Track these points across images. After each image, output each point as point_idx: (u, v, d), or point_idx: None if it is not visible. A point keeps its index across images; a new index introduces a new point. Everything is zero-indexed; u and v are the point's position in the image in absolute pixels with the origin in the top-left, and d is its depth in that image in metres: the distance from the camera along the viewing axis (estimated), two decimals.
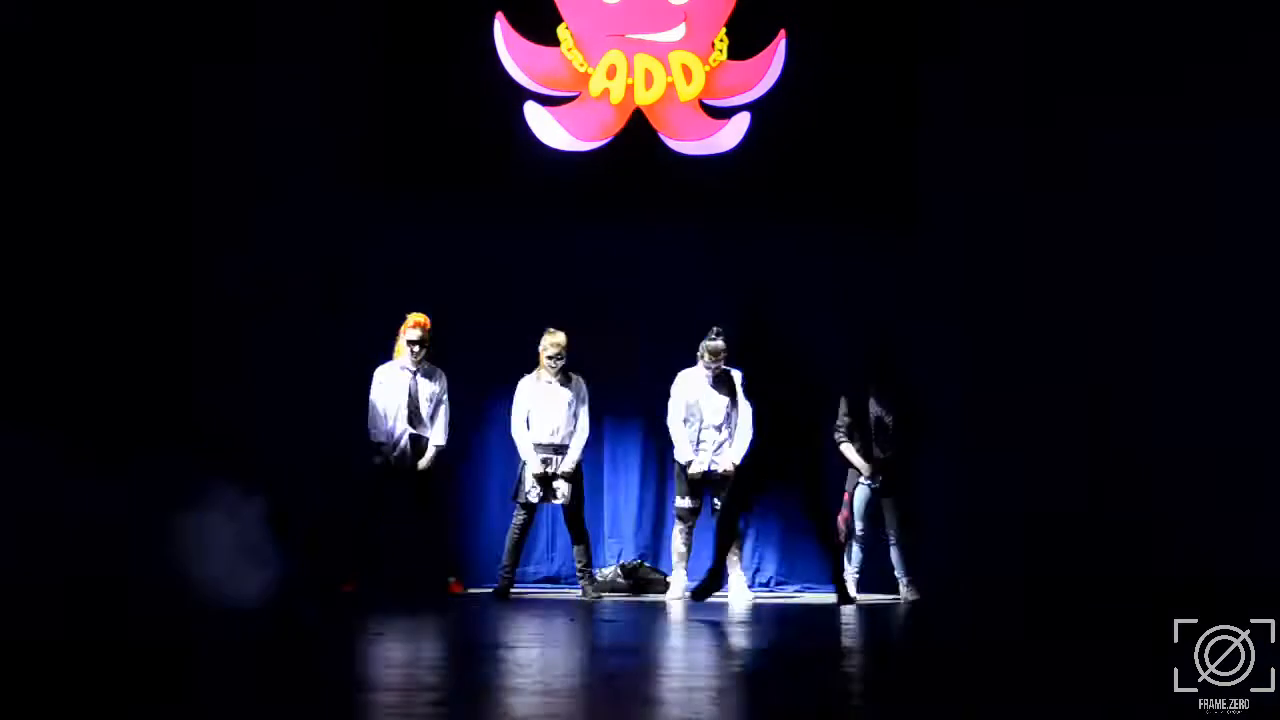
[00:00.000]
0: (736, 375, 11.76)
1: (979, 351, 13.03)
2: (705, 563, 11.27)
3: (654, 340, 12.78)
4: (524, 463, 11.69)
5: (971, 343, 13.03)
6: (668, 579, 12.06)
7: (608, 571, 12.43)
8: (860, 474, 11.94)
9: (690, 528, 11.78)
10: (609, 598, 11.83)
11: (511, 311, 12.67)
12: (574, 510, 11.70)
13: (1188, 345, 12.84)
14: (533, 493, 11.66)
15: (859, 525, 11.96)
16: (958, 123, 13.21)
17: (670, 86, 13.00)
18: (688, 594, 11.48)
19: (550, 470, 11.67)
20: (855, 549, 12.00)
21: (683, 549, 11.82)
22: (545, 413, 11.72)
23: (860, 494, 11.99)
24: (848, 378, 12.14)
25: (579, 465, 11.73)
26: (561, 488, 11.64)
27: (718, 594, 11.15)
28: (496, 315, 12.71)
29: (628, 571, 12.44)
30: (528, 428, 11.74)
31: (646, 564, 12.58)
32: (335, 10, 12.96)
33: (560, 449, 11.71)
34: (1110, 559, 12.74)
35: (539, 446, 11.71)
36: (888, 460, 11.91)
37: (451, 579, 11.84)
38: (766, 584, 12.76)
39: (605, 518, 12.87)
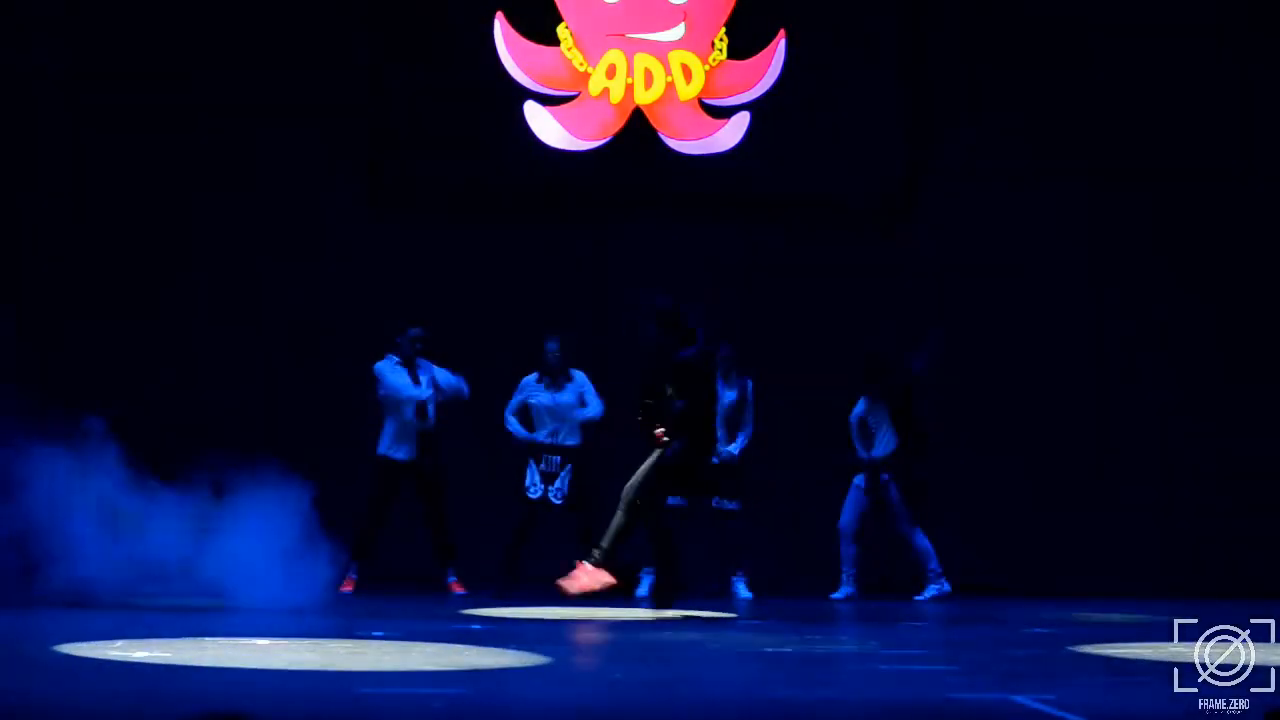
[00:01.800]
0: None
1: (977, 348, 13.04)
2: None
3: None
4: (529, 460, 11.70)
5: (970, 340, 13.04)
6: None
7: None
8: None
9: None
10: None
11: (511, 311, 12.65)
12: (579, 506, 11.71)
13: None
14: (533, 489, 11.66)
15: (851, 526, 12.03)
16: (959, 121, 13.20)
17: (670, 86, 12.98)
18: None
19: (551, 470, 11.67)
20: (851, 549, 12.07)
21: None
22: (547, 413, 11.74)
23: (853, 495, 12.06)
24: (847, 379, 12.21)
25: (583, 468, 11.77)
26: (561, 488, 11.64)
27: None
28: (496, 315, 12.69)
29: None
30: (526, 426, 11.77)
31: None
32: (334, 10, 12.95)
33: (561, 449, 11.71)
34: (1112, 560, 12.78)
35: (540, 447, 11.72)
36: (876, 462, 11.98)
37: (452, 579, 11.82)
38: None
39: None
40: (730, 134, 13.08)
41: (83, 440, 10.16)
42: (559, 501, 11.71)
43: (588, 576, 9.81)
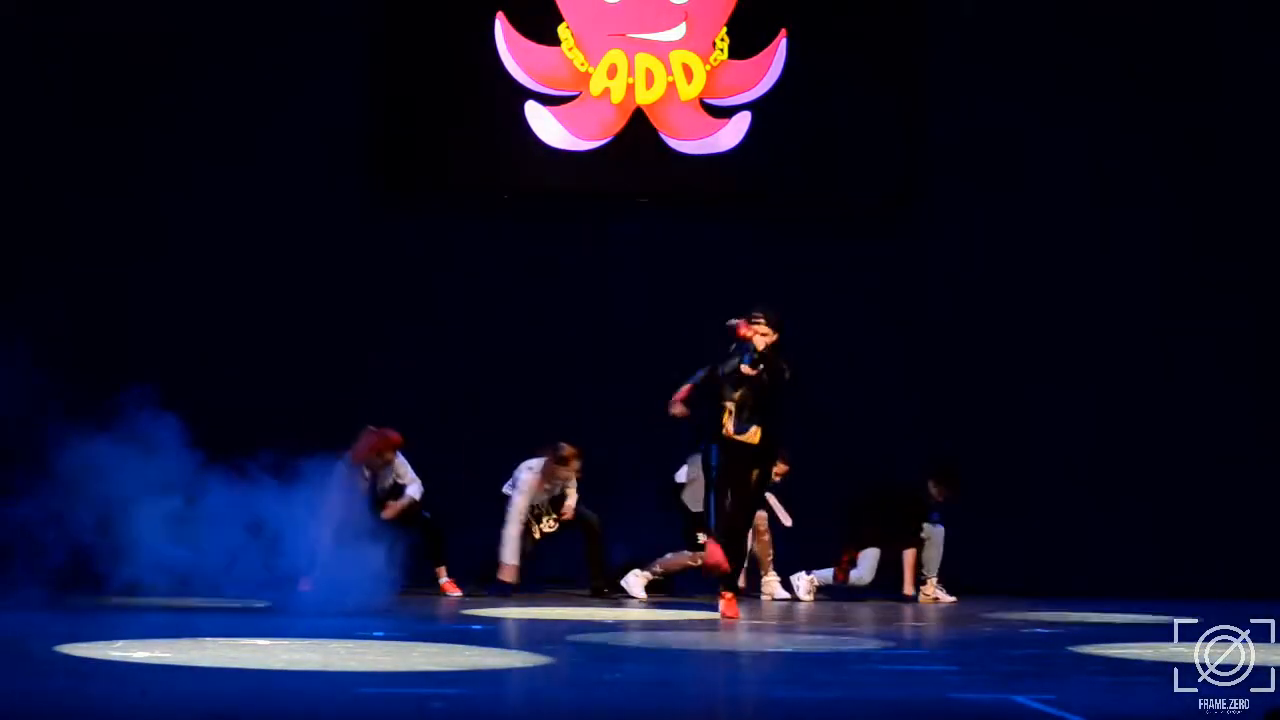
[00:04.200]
0: None
1: (976, 348, 13.05)
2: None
3: (654, 339, 12.76)
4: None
5: (969, 340, 13.06)
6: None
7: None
8: None
9: None
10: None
11: (511, 311, 12.66)
12: (575, 523, 11.74)
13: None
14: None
15: None
16: (959, 121, 13.21)
17: (671, 86, 12.99)
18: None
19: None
20: None
21: None
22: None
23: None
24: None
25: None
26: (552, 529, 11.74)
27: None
28: (496, 315, 12.70)
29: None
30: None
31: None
32: (335, 10, 12.96)
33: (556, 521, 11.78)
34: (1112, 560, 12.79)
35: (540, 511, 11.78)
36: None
37: (445, 579, 11.78)
38: None
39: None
40: (731, 134, 13.09)
41: (137, 410, 10.02)
42: (552, 529, 11.78)
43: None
